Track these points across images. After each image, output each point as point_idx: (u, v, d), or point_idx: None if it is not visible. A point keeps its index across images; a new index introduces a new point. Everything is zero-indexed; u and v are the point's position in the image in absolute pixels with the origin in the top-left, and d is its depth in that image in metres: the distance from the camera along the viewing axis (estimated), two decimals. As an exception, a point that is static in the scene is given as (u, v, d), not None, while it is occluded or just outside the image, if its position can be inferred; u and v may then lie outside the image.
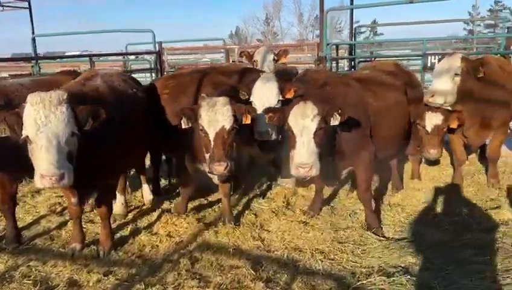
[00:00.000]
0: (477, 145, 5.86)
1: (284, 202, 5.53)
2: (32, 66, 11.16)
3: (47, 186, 3.31)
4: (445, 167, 6.67)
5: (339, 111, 3.93)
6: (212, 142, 4.04)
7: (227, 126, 4.04)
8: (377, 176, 6.11)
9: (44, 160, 3.24)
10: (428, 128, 5.21)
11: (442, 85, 4.97)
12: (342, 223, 4.85)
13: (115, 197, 4.85)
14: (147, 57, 11.66)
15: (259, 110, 4.59)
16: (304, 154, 3.89)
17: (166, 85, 5.45)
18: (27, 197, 5.97)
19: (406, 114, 5.28)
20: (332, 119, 3.94)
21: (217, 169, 4.00)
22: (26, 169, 4.14)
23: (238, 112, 4.13)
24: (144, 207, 5.59)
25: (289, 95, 4.72)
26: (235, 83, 5.26)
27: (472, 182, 6.04)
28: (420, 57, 9.32)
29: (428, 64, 7.91)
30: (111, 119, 3.64)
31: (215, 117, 4.03)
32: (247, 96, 4.81)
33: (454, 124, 5.20)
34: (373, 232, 4.51)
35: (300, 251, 4.26)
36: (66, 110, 3.37)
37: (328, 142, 4.15)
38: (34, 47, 11.31)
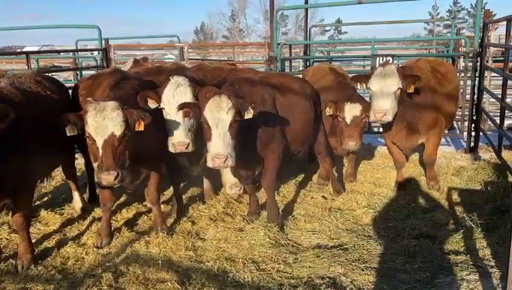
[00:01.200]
0: (408, 149, 5.87)
1: (224, 208, 5.37)
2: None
3: None
4: (389, 170, 6.70)
5: (252, 105, 4.00)
6: (100, 150, 3.73)
7: (117, 133, 3.73)
8: (325, 180, 6.11)
9: None
10: (348, 120, 5.28)
11: (389, 103, 4.94)
12: (277, 229, 4.70)
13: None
14: (95, 54, 11.22)
15: (173, 118, 4.39)
16: (219, 145, 3.92)
17: (85, 86, 5.15)
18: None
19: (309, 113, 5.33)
20: (246, 112, 4.00)
21: (105, 179, 3.66)
22: None
23: (130, 117, 3.82)
24: (76, 215, 5.30)
25: None
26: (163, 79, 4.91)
27: (416, 185, 6.08)
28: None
29: (377, 65, 7.94)
30: (18, 121, 3.38)
31: (103, 123, 3.71)
32: (157, 104, 4.43)
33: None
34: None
35: (233, 260, 4.11)
36: None
37: (242, 136, 4.17)
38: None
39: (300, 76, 7.06)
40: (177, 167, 5.18)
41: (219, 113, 3.95)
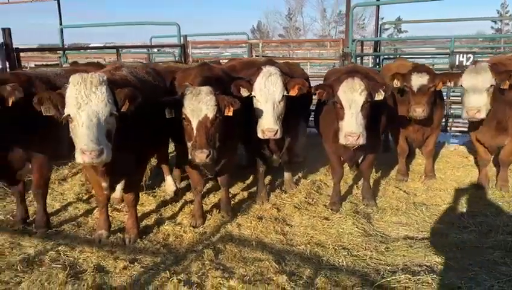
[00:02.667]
0: (494, 147, 5.72)
1: (306, 198, 5.53)
2: (60, 57, 11.37)
3: (86, 161, 3.39)
4: (470, 168, 6.56)
5: (384, 87, 4.36)
6: (195, 131, 4.05)
7: (210, 115, 4.04)
8: (404, 176, 6.14)
9: (84, 136, 3.36)
10: (415, 88, 5.41)
11: (482, 100, 4.92)
12: (364, 220, 4.81)
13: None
14: (170, 50, 11.74)
15: (263, 106, 4.62)
16: (353, 124, 4.27)
17: (178, 77, 5.45)
18: (54, 185, 6.10)
19: None
20: (377, 94, 4.39)
21: (198, 156, 3.97)
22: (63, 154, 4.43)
23: (221, 102, 4.11)
24: (168, 198, 5.66)
25: (293, 93, 4.74)
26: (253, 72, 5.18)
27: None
28: (446, 55, 9.15)
29: (456, 63, 7.77)
30: (142, 106, 3.72)
31: (198, 106, 4.03)
32: (248, 93, 4.70)
33: None
34: None
35: (323, 246, 4.27)
36: (105, 91, 3.49)
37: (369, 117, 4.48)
38: (62, 38, 11.46)
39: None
40: (262, 156, 5.41)
41: (352, 94, 4.30)
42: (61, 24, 13.22)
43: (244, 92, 4.64)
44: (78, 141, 3.44)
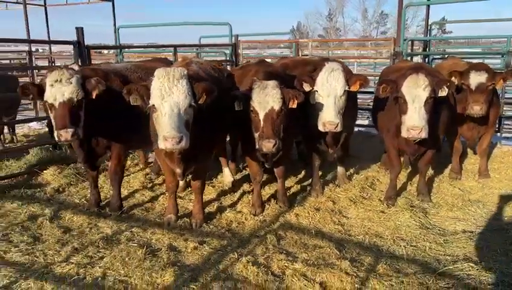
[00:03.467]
0: None
1: (360, 192, 5.66)
2: (117, 55, 11.98)
3: (168, 147, 3.71)
4: (526, 168, 6.49)
5: (448, 84, 4.51)
6: (262, 122, 4.27)
7: (276, 107, 4.26)
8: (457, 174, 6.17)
9: (167, 125, 3.68)
10: (473, 86, 5.48)
11: None
12: (421, 214, 4.90)
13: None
14: (221, 49, 12.11)
15: (325, 100, 4.80)
16: (416, 118, 4.46)
17: (237, 74, 5.69)
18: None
19: None
20: (441, 90, 4.54)
21: (266, 145, 4.19)
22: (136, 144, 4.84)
23: (286, 95, 4.33)
24: (226, 188, 5.94)
25: (354, 88, 4.90)
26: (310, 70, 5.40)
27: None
28: (497, 55, 9.01)
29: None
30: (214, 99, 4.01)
31: (265, 98, 4.26)
32: (310, 87, 4.89)
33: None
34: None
35: (381, 237, 4.41)
36: (186, 84, 3.80)
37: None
38: (118, 37, 12.06)
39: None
40: (318, 150, 5.59)
41: (416, 90, 4.49)
42: (115, 25, 13.93)
43: (306, 87, 4.85)
44: (161, 129, 3.76)
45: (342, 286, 3.49)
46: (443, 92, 4.61)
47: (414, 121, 4.47)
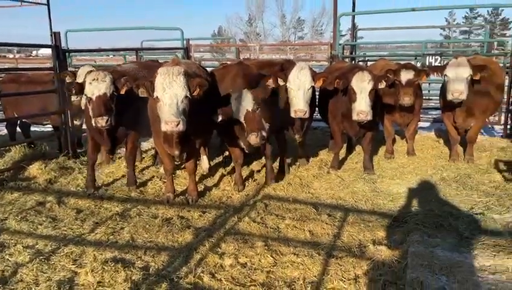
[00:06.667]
0: (463, 129, 7.19)
1: (319, 170, 6.81)
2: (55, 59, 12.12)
3: (169, 129, 4.55)
4: (442, 148, 8.09)
5: (386, 78, 5.83)
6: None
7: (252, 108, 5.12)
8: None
9: (167, 112, 4.53)
10: (403, 81, 6.73)
11: (463, 85, 6.33)
12: (371, 182, 6.16)
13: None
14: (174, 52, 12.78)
15: (295, 93, 5.92)
16: (363, 105, 5.76)
17: (218, 73, 6.57)
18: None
19: None
20: (380, 84, 5.79)
21: (251, 139, 5.02)
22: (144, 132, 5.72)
23: (266, 95, 5.28)
24: (204, 173, 6.78)
25: (318, 84, 6.06)
26: (273, 72, 6.48)
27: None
28: (413, 57, 10.76)
29: (427, 63, 9.36)
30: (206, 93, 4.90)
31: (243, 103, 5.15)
32: (283, 83, 5.97)
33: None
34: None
35: (344, 199, 5.57)
36: (183, 80, 4.63)
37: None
38: (66, 41, 12.21)
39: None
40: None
41: (362, 83, 5.71)
42: (51, 28, 13.94)
43: (280, 82, 5.90)
44: (162, 115, 4.58)
45: (325, 231, 4.56)
46: (382, 85, 5.92)
47: (362, 107, 5.75)
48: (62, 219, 4.93)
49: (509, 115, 9.21)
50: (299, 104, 5.85)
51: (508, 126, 9.23)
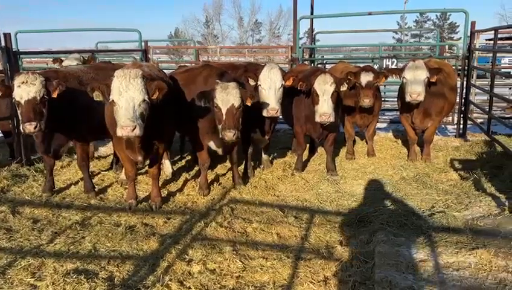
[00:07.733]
0: (420, 129, 7.47)
1: (283, 172, 6.83)
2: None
3: (124, 134, 4.31)
4: (400, 148, 8.35)
5: (347, 81, 5.92)
6: (224, 116, 5.13)
7: (236, 104, 5.15)
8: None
9: (123, 116, 4.32)
10: (363, 84, 6.88)
11: (421, 87, 6.55)
12: (334, 183, 6.25)
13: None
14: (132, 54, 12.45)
15: (267, 92, 5.89)
16: (325, 107, 5.82)
17: (182, 76, 6.47)
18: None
19: None
20: (342, 86, 5.94)
21: (228, 135, 5.07)
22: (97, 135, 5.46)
23: (244, 95, 5.28)
24: (167, 179, 6.63)
25: (288, 83, 6.08)
26: (241, 73, 6.48)
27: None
28: (370, 60, 11.11)
29: (384, 66, 9.62)
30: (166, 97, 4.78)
31: (227, 97, 5.15)
32: (255, 82, 5.99)
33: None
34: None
35: (309, 201, 5.61)
36: (140, 83, 4.45)
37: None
38: (16, 42, 11.63)
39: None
40: (251, 139, 6.62)
41: (325, 86, 5.76)
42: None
43: (251, 82, 5.91)
44: (118, 119, 4.38)
45: (292, 234, 4.57)
46: (343, 87, 6.01)
47: (324, 109, 5.81)
48: (17, 230, 4.65)
49: (461, 115, 9.63)
50: (271, 103, 5.84)
51: (461, 126, 9.65)
